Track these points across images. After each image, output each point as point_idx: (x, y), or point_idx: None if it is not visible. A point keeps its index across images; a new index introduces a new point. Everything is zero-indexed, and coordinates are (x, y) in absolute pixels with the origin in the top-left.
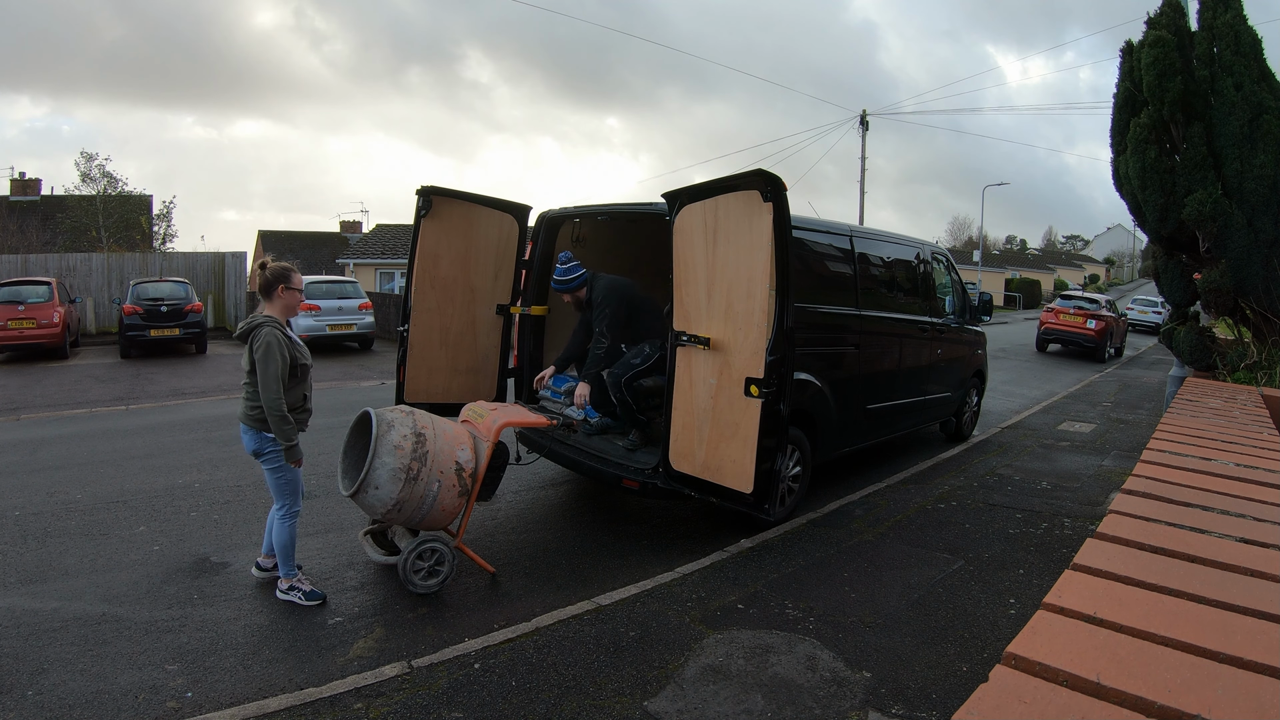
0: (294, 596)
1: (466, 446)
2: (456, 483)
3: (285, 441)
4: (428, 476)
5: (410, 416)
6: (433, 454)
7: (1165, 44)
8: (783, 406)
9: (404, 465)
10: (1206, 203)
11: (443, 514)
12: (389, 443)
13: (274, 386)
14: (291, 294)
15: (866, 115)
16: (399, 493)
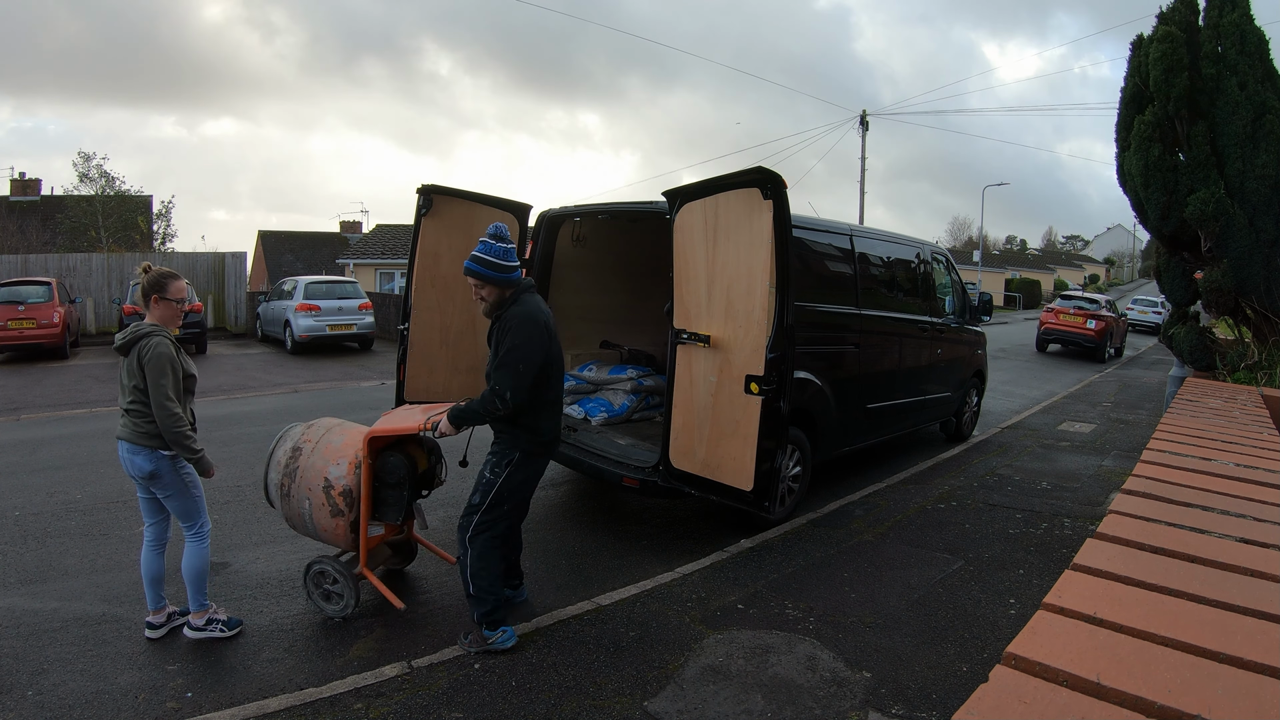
0: (213, 630)
1: (344, 461)
2: (325, 501)
3: (191, 455)
4: (298, 493)
5: (306, 429)
6: (303, 470)
7: (1174, 39)
8: (783, 404)
9: (278, 480)
10: (1209, 202)
11: (330, 535)
12: (276, 457)
13: (166, 398)
14: (167, 305)
15: (866, 115)
16: (283, 508)
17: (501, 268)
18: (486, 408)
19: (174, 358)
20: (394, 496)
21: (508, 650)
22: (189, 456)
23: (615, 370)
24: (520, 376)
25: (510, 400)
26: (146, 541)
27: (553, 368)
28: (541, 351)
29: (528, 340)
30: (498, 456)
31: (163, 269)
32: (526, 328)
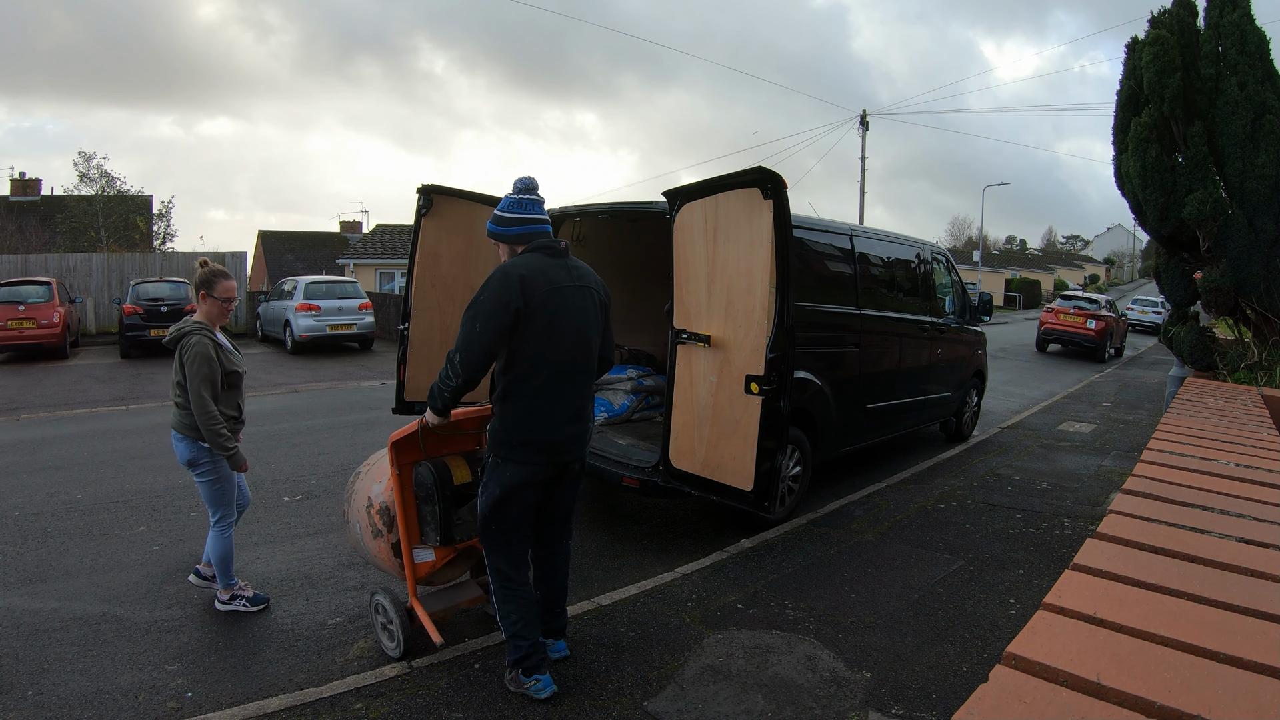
0: (237, 605)
1: (386, 477)
2: (368, 522)
3: (223, 451)
4: (353, 518)
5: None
6: (354, 493)
7: (1165, 42)
8: (783, 404)
9: (342, 505)
10: (1207, 202)
11: (380, 562)
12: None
13: (201, 395)
14: (213, 303)
15: (866, 115)
16: (348, 535)
17: (503, 219)
18: (441, 380)
19: (211, 356)
20: (430, 512)
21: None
22: (221, 451)
23: (615, 370)
24: (474, 337)
25: (460, 365)
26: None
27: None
28: (505, 311)
29: (490, 295)
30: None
31: (215, 267)
32: (493, 282)
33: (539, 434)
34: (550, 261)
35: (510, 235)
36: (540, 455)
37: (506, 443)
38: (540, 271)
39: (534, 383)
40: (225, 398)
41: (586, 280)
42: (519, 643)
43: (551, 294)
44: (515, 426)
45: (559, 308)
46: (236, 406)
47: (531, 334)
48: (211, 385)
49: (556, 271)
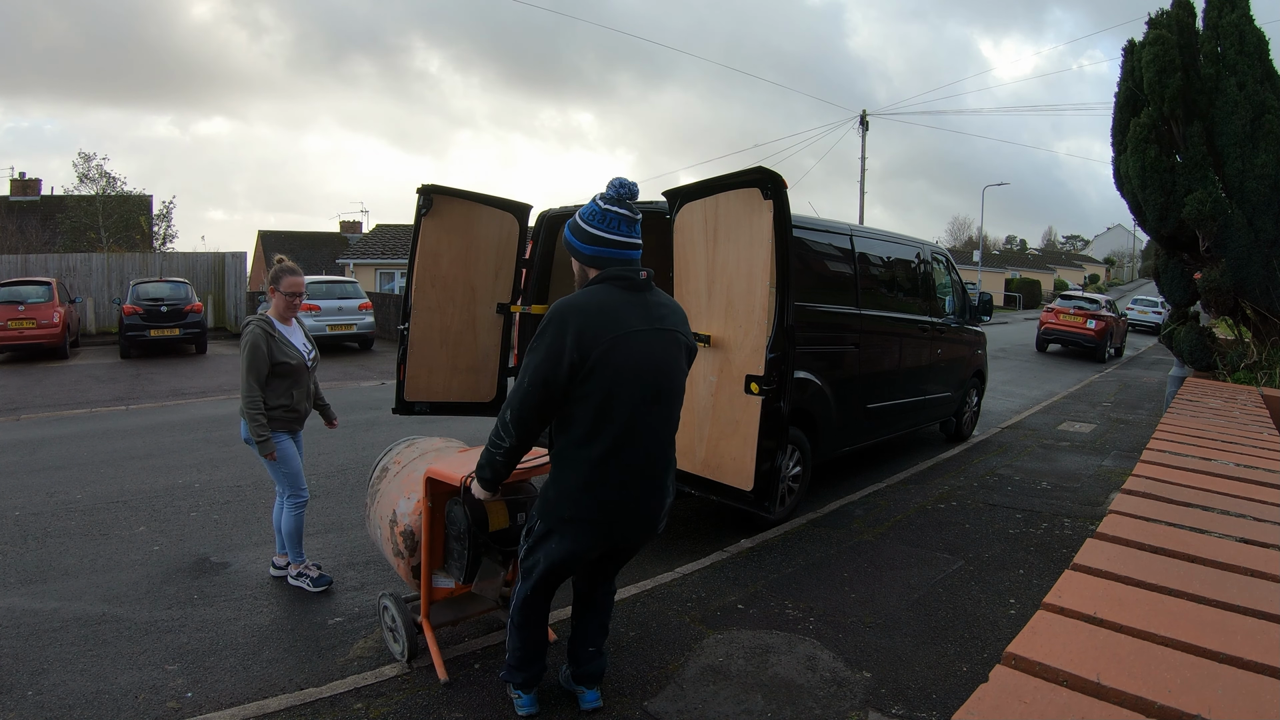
0: (301, 583)
1: (415, 496)
2: (389, 536)
3: (256, 435)
4: (374, 518)
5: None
6: (382, 494)
7: (1165, 42)
8: (783, 404)
9: (366, 500)
10: (1206, 202)
11: (395, 570)
12: (373, 474)
13: (248, 383)
14: (279, 297)
15: (866, 115)
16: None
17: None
18: (492, 441)
19: (259, 346)
20: (458, 551)
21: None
22: (254, 436)
23: None
24: (525, 393)
25: (513, 424)
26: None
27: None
28: (557, 365)
29: (543, 345)
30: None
31: (285, 264)
32: (549, 327)
33: (596, 511)
34: (623, 298)
35: (583, 254)
36: (596, 532)
37: (556, 515)
38: (605, 313)
39: (594, 450)
40: (276, 387)
41: (668, 321)
42: (515, 673)
43: (618, 343)
44: (568, 498)
45: (628, 358)
46: (289, 396)
47: (592, 391)
48: (256, 373)
49: (628, 312)
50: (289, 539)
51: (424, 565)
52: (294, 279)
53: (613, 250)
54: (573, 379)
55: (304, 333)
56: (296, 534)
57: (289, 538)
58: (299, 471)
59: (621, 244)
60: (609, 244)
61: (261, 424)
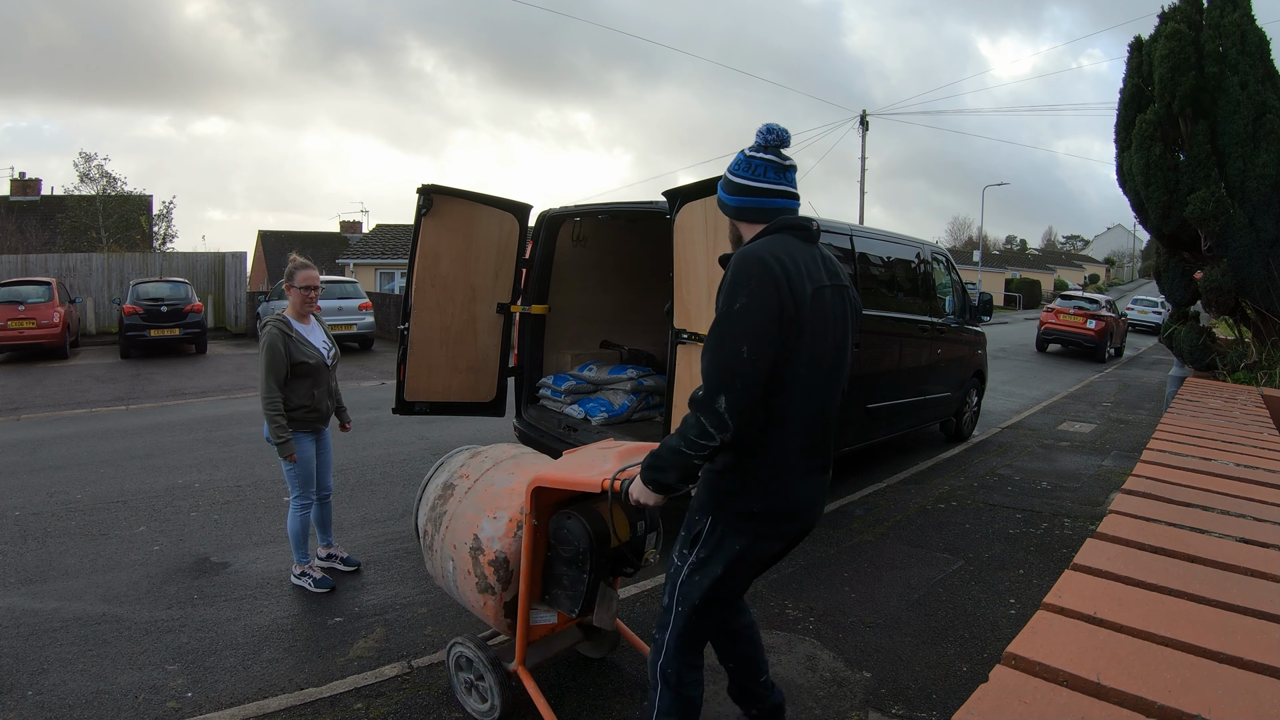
0: (304, 583)
1: (505, 515)
2: (472, 569)
3: (275, 436)
4: (441, 548)
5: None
6: (450, 517)
7: (1181, 37)
8: None
9: (423, 524)
10: (1209, 201)
11: (479, 612)
12: (427, 493)
13: (267, 384)
14: (294, 292)
15: (866, 115)
16: (426, 562)
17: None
18: (687, 439)
19: (276, 347)
20: (571, 578)
21: None
22: (274, 437)
23: (615, 370)
24: (743, 367)
25: (730, 414)
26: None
27: (798, 376)
28: (776, 320)
29: (753, 301)
30: (686, 528)
31: (299, 260)
32: (749, 279)
33: (786, 499)
34: (804, 250)
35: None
36: (783, 524)
37: (740, 510)
38: (797, 263)
39: (790, 428)
40: (296, 387)
41: (843, 278)
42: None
43: (816, 296)
44: (755, 489)
45: (821, 316)
46: (310, 396)
47: (792, 354)
48: (274, 374)
49: (814, 265)
50: (293, 539)
51: (523, 599)
52: (308, 273)
53: (762, 200)
54: (784, 340)
55: (324, 331)
56: (301, 534)
57: (293, 538)
58: (312, 474)
59: (771, 192)
60: (757, 192)
61: (281, 425)
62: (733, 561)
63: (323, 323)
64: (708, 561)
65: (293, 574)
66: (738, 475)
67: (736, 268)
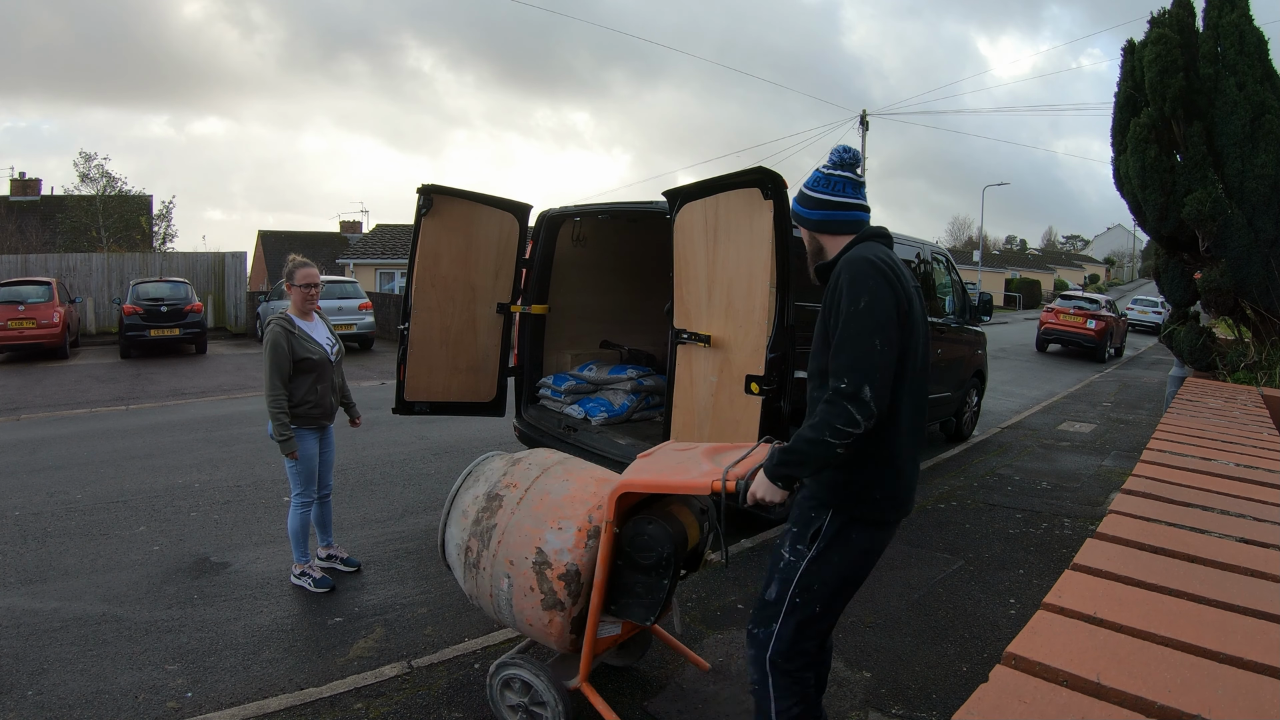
0: (304, 583)
1: (571, 525)
2: (537, 585)
3: (278, 434)
4: (493, 567)
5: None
6: (503, 531)
7: (1168, 41)
8: (783, 404)
9: (462, 542)
10: (1206, 202)
11: (538, 631)
12: (459, 505)
13: (269, 382)
14: (295, 290)
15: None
16: (463, 581)
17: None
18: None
19: (280, 345)
20: (647, 586)
21: None
22: (277, 435)
23: (615, 370)
24: (878, 358)
25: (873, 401)
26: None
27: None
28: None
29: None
30: (801, 524)
31: (298, 259)
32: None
33: (901, 484)
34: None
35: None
36: (900, 510)
37: (864, 499)
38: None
39: (902, 418)
40: (301, 383)
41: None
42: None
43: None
44: (877, 478)
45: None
46: (314, 391)
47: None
48: (278, 371)
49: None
50: (293, 537)
51: (595, 612)
52: (307, 270)
53: (843, 213)
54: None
55: (327, 327)
56: (301, 533)
57: (293, 536)
58: (314, 472)
59: (850, 205)
60: (838, 206)
61: (284, 423)
62: (858, 552)
63: (326, 320)
64: (830, 555)
65: (293, 574)
66: (860, 466)
67: (853, 270)
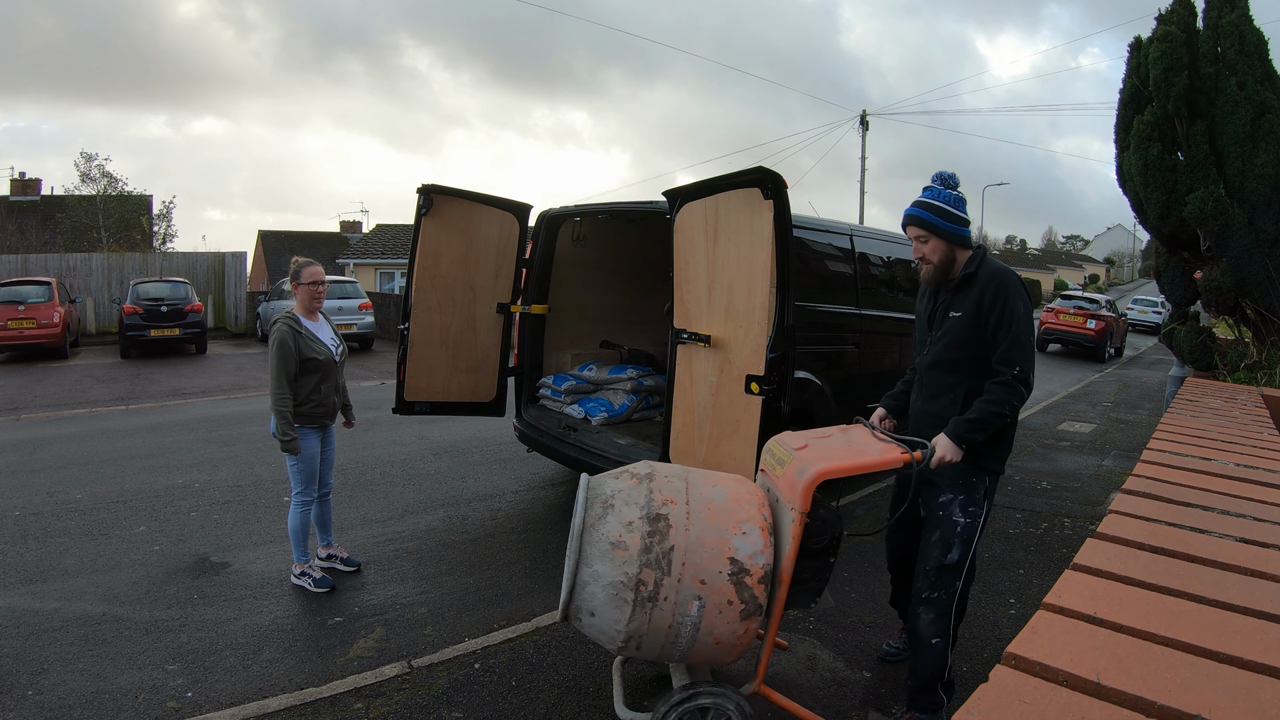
0: (304, 583)
1: (753, 527)
2: (736, 598)
3: (280, 435)
4: (676, 593)
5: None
6: (684, 551)
7: (1173, 39)
8: (783, 404)
9: (629, 577)
10: (1208, 201)
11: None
12: (603, 538)
13: (274, 380)
14: (302, 289)
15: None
16: (628, 623)
17: (957, 218)
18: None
19: (286, 343)
20: (814, 569)
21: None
22: (281, 434)
23: (615, 370)
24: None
25: (1032, 379)
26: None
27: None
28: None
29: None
30: (966, 490)
31: (301, 259)
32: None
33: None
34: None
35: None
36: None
37: (1003, 459)
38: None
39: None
40: (306, 383)
41: None
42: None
43: None
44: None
45: None
46: (319, 391)
47: None
48: (284, 370)
49: None
50: (293, 536)
51: (779, 609)
52: (313, 269)
53: (968, 230)
54: None
55: (331, 328)
56: (301, 532)
57: (293, 535)
58: (315, 471)
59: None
60: (967, 224)
61: (288, 422)
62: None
63: (330, 320)
64: (988, 508)
65: (293, 574)
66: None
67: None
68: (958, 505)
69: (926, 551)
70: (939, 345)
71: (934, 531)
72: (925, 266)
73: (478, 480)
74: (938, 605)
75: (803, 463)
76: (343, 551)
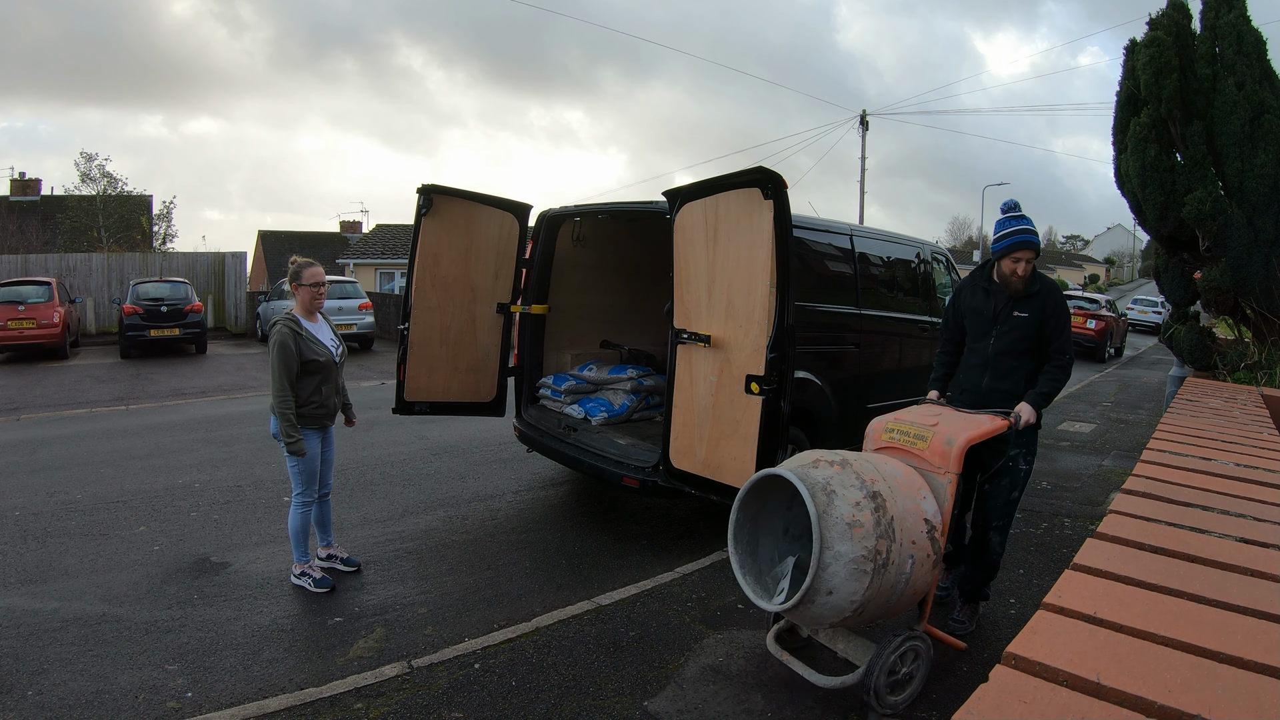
0: (304, 583)
1: (927, 491)
2: (931, 551)
3: (284, 437)
4: (899, 555)
5: (847, 468)
6: (899, 519)
7: (1161, 44)
8: (783, 404)
9: (869, 550)
10: (1206, 201)
11: (915, 596)
12: (839, 521)
13: (276, 382)
14: (303, 290)
15: (866, 115)
16: (864, 592)
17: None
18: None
19: (287, 345)
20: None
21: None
22: (283, 435)
23: (615, 370)
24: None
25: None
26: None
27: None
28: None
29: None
30: (1027, 446)
31: (301, 260)
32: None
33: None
34: None
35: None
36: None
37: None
38: None
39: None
40: (307, 384)
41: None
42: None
43: None
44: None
45: None
46: (319, 392)
47: None
48: (286, 371)
49: None
50: (293, 536)
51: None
52: (314, 269)
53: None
54: None
55: (331, 329)
56: (302, 532)
57: (293, 535)
58: (316, 471)
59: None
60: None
61: (291, 423)
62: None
63: (330, 321)
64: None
65: (293, 574)
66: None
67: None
68: (1022, 456)
69: (996, 492)
70: (1007, 338)
71: (1004, 477)
72: (1018, 280)
73: (478, 480)
74: (1003, 531)
75: (947, 434)
76: (343, 552)
